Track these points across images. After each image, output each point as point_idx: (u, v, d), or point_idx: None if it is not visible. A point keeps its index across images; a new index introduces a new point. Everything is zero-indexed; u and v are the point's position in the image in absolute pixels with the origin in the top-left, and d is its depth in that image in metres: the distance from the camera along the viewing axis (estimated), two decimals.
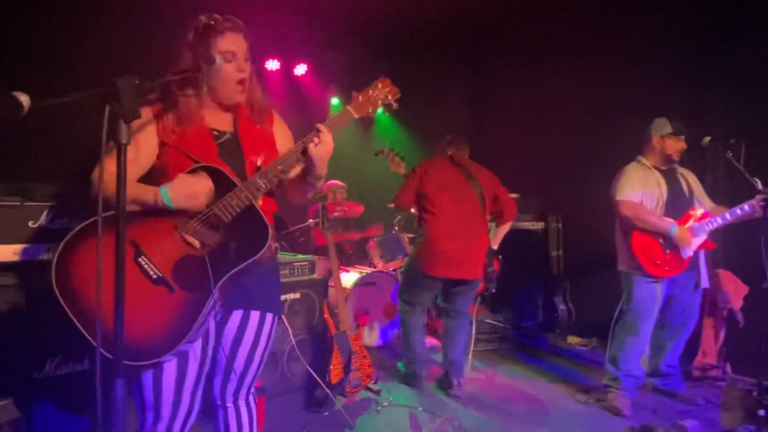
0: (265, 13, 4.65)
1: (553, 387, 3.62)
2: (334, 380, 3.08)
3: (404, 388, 3.52)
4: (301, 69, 6.07)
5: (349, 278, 4.29)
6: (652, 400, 3.32)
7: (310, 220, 4.68)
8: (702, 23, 3.91)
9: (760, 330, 2.69)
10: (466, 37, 5.66)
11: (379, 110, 7.76)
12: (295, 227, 4.81)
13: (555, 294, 4.99)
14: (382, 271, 4.51)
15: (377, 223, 5.41)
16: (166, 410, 1.58)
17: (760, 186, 2.74)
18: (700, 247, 3.07)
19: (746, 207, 2.89)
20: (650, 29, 4.15)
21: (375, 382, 3.40)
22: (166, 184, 1.49)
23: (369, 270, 4.53)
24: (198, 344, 1.62)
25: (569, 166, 4.73)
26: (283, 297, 3.19)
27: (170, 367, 1.57)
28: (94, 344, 1.25)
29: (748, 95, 3.70)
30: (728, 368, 3.71)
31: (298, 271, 3.39)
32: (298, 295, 3.34)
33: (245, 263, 1.50)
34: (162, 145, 1.59)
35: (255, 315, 1.72)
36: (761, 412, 2.62)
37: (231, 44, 1.60)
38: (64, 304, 1.44)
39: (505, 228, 3.58)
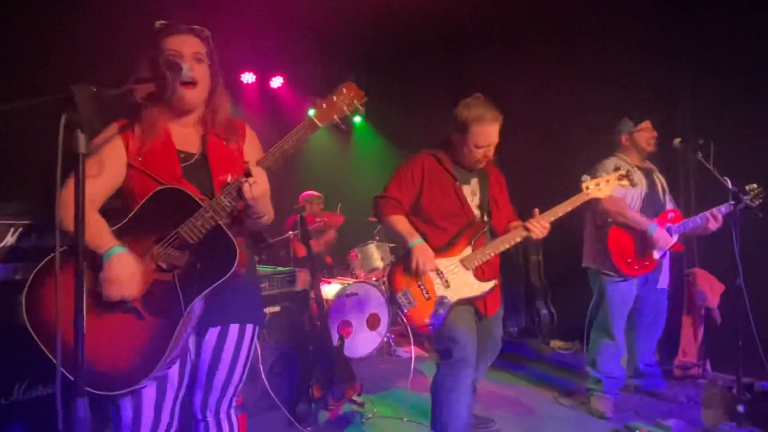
0: (240, 25, 4.63)
1: (537, 391, 3.62)
2: (317, 394, 3.03)
3: (389, 399, 3.48)
4: (277, 81, 6.06)
5: (330, 290, 4.24)
6: (634, 400, 3.33)
7: (290, 233, 4.63)
8: (671, 27, 4.01)
9: (737, 327, 2.73)
10: (443, 45, 5.71)
11: (358, 120, 7.76)
12: (275, 240, 4.76)
13: (536, 299, 5.01)
14: (364, 282, 4.48)
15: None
16: (145, 430, 1.56)
17: (729, 185, 2.80)
18: (671, 248, 3.14)
19: (698, 219, 3.02)
20: (620, 33, 4.24)
21: (359, 394, 3.35)
22: (117, 252, 1.44)
23: (351, 281, 4.49)
24: (176, 366, 1.60)
25: (546, 171, 4.78)
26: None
27: (149, 391, 1.55)
28: (69, 376, 1.26)
29: (716, 97, 3.80)
30: (708, 366, 3.75)
31: (277, 284, 3.34)
32: (278, 308, 3.29)
33: (215, 284, 1.47)
34: (129, 167, 1.57)
35: (234, 328, 1.69)
36: (740, 408, 2.66)
37: (178, 43, 1.57)
38: (35, 336, 1.45)
39: None
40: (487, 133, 2.38)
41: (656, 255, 3.09)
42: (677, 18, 3.97)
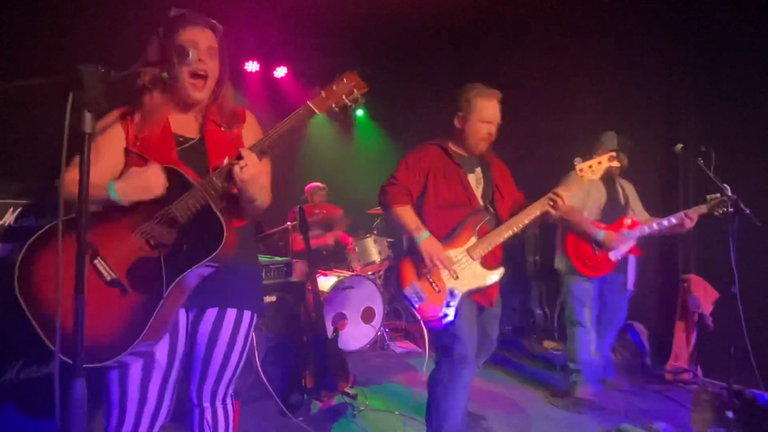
0: (245, 14, 4.61)
1: (528, 391, 3.64)
2: (310, 385, 3.04)
3: (381, 392, 3.49)
4: (281, 71, 6.04)
5: (326, 282, 4.25)
6: (624, 403, 3.36)
7: (289, 223, 4.63)
8: (674, 35, 4.01)
9: (729, 334, 2.75)
10: (446, 40, 5.70)
11: (360, 114, 7.72)
12: (273, 230, 4.75)
13: (531, 299, 5.03)
14: (360, 275, 4.49)
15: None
16: (131, 409, 1.57)
17: (729, 192, 2.81)
18: (628, 251, 3.32)
19: (673, 219, 3.11)
20: (626, 38, 4.24)
21: (351, 387, 3.36)
22: (115, 180, 1.49)
23: (347, 273, 4.50)
24: (165, 342, 1.60)
25: (545, 172, 4.78)
26: None
27: (135, 368, 1.56)
28: (53, 348, 1.26)
29: (718, 104, 3.81)
30: (699, 371, 3.78)
31: (274, 274, 3.35)
32: (274, 298, 3.30)
33: (200, 263, 1.48)
34: (127, 152, 1.59)
35: (231, 313, 1.69)
36: (730, 414, 2.68)
37: (194, 35, 1.59)
38: (26, 311, 1.45)
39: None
40: (490, 106, 2.43)
41: (612, 257, 3.28)
42: (683, 23, 3.97)
